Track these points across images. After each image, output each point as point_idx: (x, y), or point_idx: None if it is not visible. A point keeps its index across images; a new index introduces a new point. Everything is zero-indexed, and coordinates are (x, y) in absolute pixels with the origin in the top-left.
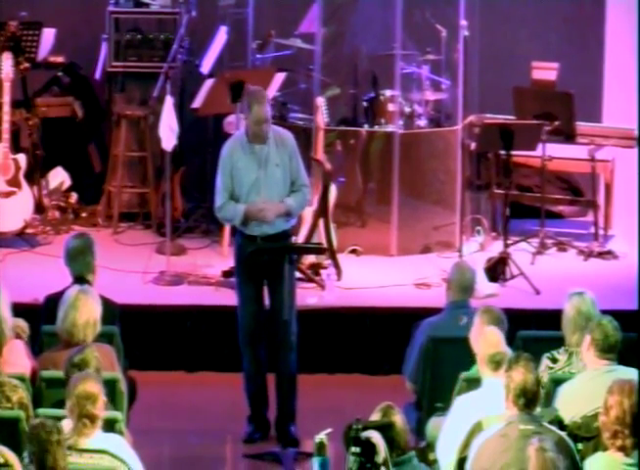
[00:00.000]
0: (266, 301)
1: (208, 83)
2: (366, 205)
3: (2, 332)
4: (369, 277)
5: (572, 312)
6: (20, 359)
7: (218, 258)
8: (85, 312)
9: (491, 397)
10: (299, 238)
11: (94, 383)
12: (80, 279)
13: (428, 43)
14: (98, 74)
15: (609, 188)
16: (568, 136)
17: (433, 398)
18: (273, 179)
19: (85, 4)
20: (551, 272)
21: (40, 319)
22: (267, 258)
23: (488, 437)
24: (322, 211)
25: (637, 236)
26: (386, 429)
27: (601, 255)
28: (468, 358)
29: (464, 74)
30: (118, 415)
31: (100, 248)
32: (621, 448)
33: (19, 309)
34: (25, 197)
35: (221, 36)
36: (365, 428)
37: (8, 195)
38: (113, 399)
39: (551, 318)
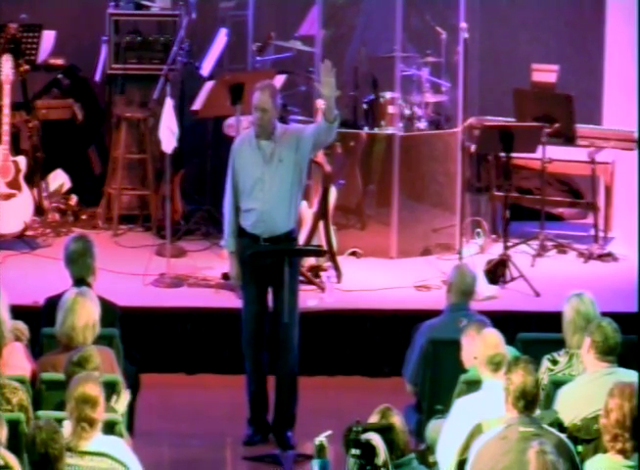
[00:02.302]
0: (270, 303)
1: (208, 86)
2: (366, 207)
3: (1, 334)
4: (369, 279)
5: (571, 313)
6: (19, 362)
7: (218, 261)
8: (84, 315)
9: (491, 399)
10: (299, 240)
11: (94, 385)
12: (80, 281)
13: (428, 45)
14: (98, 77)
15: (609, 190)
16: (568, 138)
17: (432, 400)
18: (278, 176)
19: (85, 6)
20: (551, 274)
21: (40, 321)
22: (269, 261)
23: (488, 439)
24: (322, 213)
25: (637, 238)
26: (385, 431)
27: (601, 257)
28: None
29: (464, 77)
30: (118, 418)
31: (100, 250)
32: (621, 451)
33: (18, 312)
34: (25, 199)
35: (221, 39)
36: (365, 430)
37: (8, 197)
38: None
39: (551, 320)
